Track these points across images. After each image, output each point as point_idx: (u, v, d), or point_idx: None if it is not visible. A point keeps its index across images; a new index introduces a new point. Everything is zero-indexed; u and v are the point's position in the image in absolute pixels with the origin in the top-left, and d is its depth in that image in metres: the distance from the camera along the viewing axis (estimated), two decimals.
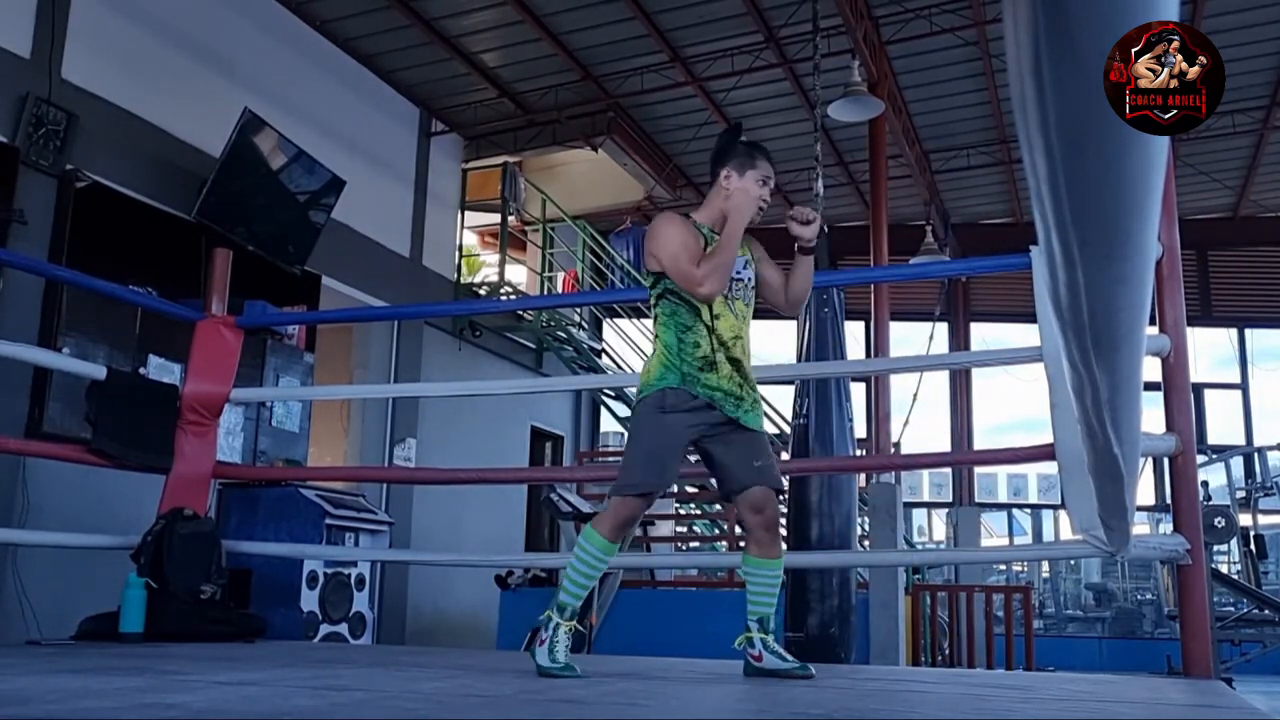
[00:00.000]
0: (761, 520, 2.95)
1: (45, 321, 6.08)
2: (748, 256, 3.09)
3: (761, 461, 2.97)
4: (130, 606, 3.90)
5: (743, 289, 3.07)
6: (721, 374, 2.94)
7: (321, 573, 5.50)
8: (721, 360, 2.95)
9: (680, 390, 2.91)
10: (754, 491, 2.94)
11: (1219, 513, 8.39)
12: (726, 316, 3.00)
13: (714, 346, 2.95)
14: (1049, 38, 0.82)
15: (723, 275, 2.93)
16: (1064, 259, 1.22)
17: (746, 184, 3.01)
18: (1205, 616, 3.22)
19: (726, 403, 2.94)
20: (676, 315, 2.98)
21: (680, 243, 2.93)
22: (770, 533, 2.97)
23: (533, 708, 2.15)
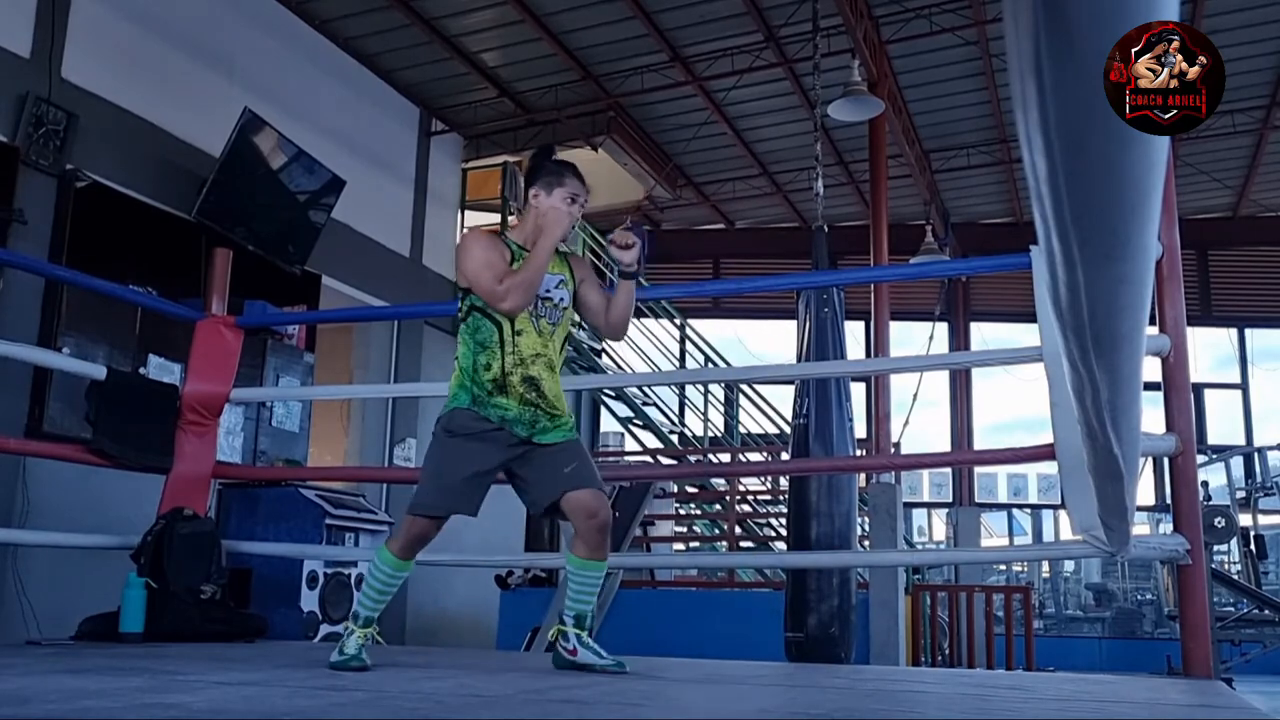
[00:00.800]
0: (595, 523, 2.96)
1: (45, 321, 6.08)
2: (563, 276, 3.12)
3: (573, 466, 2.99)
4: (130, 606, 3.90)
5: (552, 308, 3.08)
6: (513, 396, 2.96)
7: (321, 573, 5.50)
8: (515, 381, 2.97)
9: (469, 411, 2.96)
10: (579, 495, 2.95)
11: (1219, 513, 8.40)
12: (529, 334, 3.01)
13: (507, 368, 2.97)
14: (1049, 38, 0.82)
15: (526, 291, 2.95)
16: (1064, 259, 1.22)
17: (554, 202, 3.04)
18: (1205, 616, 3.22)
19: (518, 425, 2.97)
20: (478, 333, 3.02)
21: (485, 260, 2.97)
22: (602, 534, 2.99)
23: (533, 708, 2.15)
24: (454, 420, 2.97)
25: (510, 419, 2.96)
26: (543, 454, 3.00)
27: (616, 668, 2.92)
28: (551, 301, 3.08)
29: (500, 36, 9.08)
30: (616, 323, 3.20)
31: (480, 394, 2.96)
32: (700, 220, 13.85)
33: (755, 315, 14.25)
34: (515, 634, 6.61)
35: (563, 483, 2.97)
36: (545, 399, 3.01)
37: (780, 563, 6.58)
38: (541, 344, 3.03)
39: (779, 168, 11.99)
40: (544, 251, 2.98)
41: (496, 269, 2.96)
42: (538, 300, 3.02)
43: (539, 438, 3.00)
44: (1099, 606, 13.69)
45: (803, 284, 5.56)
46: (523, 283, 2.94)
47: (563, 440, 3.03)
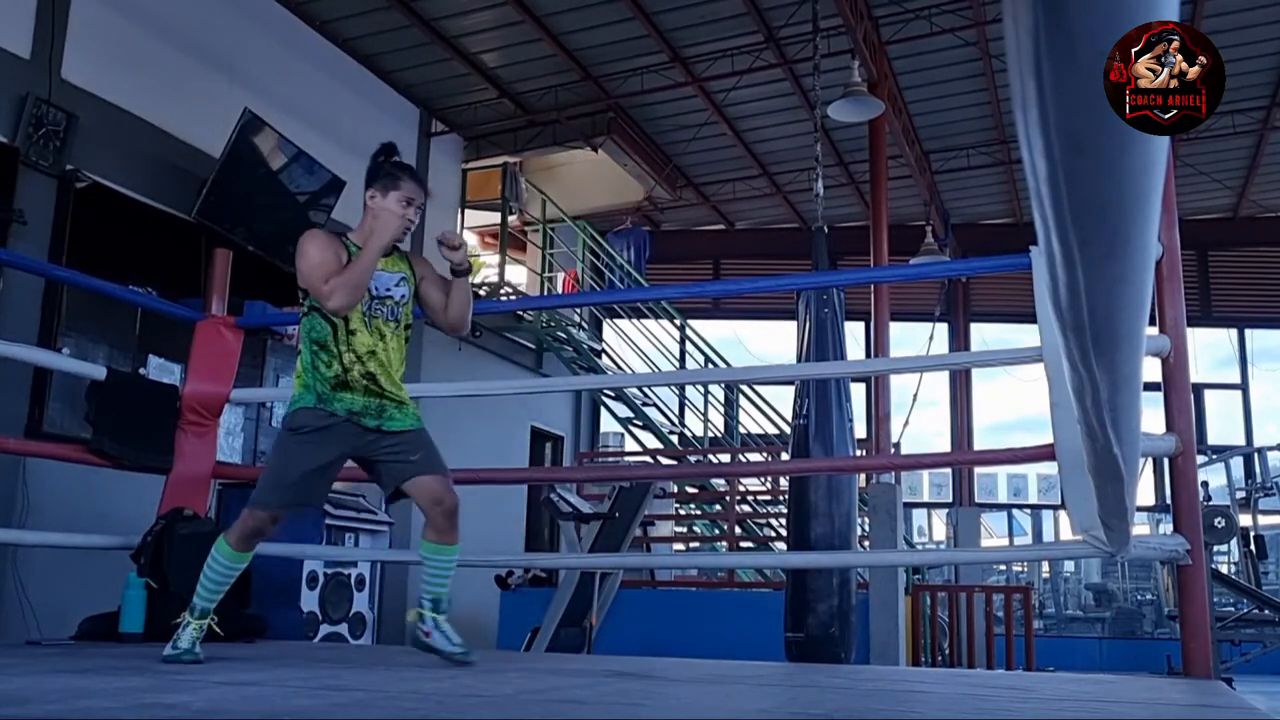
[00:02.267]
0: (443, 509, 3.14)
1: (45, 321, 6.08)
2: (403, 275, 3.24)
3: (420, 454, 3.14)
4: (130, 606, 3.90)
5: (390, 307, 3.19)
6: (356, 390, 3.10)
7: (321, 573, 5.50)
8: (356, 377, 3.09)
9: (314, 410, 3.07)
10: (425, 481, 3.12)
11: (1219, 513, 8.40)
12: (363, 333, 3.12)
13: (346, 365, 3.09)
14: (1049, 38, 0.82)
15: (352, 291, 3.04)
16: (1064, 259, 1.22)
17: (389, 204, 3.13)
18: (1205, 616, 3.22)
19: (366, 416, 3.10)
20: (313, 332, 3.13)
21: (318, 260, 3.06)
22: (450, 520, 3.16)
23: (533, 708, 2.15)
24: (297, 419, 3.10)
25: (358, 410, 3.09)
26: (391, 442, 3.13)
27: (462, 656, 3.09)
28: (392, 300, 3.19)
29: (500, 37, 9.08)
30: (455, 318, 3.34)
31: (324, 391, 3.08)
32: (700, 221, 13.85)
33: (755, 316, 14.25)
34: (515, 634, 6.61)
35: (411, 470, 3.11)
36: (388, 391, 3.14)
37: (780, 563, 6.58)
38: (376, 341, 3.15)
39: (779, 168, 11.99)
40: (371, 253, 3.08)
41: (327, 268, 3.05)
42: (374, 299, 3.13)
43: (388, 425, 3.13)
44: (1099, 606, 13.68)
45: (803, 284, 5.56)
46: (347, 282, 3.02)
47: (411, 429, 3.17)
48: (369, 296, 3.12)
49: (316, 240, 3.13)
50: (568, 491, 6.42)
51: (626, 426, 11.27)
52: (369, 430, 3.10)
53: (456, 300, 3.31)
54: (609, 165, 11.05)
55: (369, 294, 3.12)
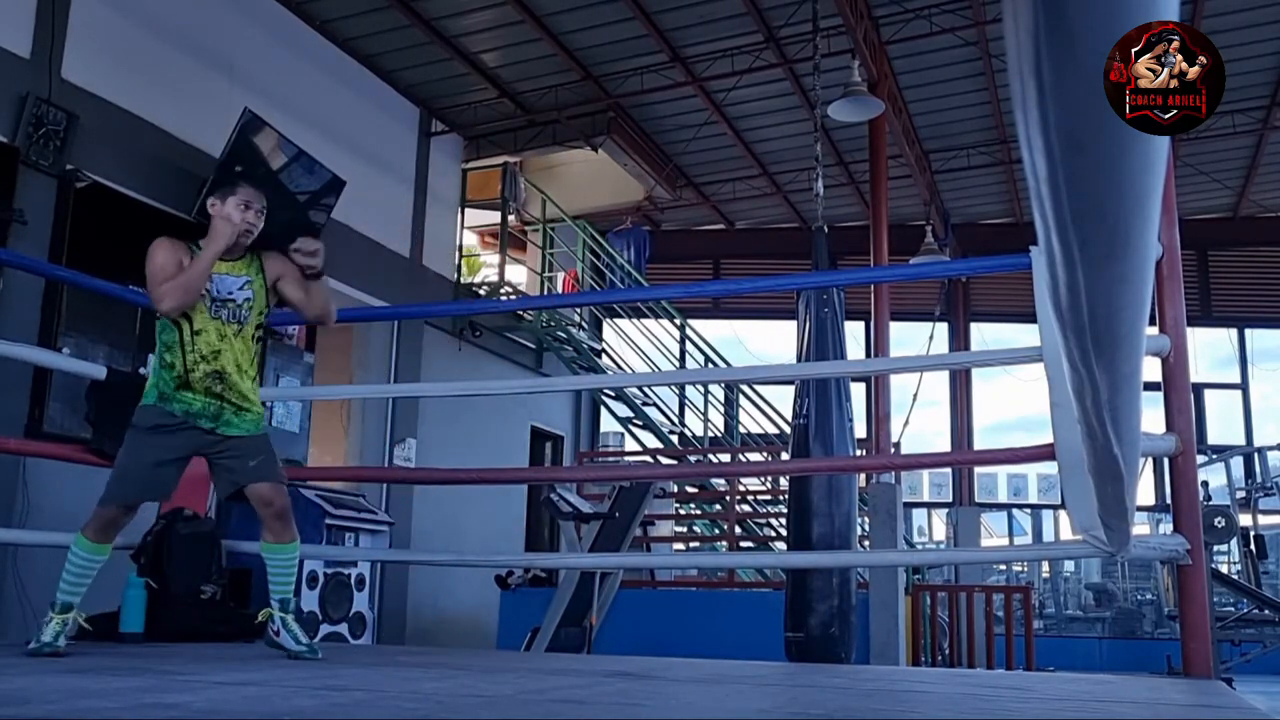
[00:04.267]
0: (272, 511, 3.29)
1: (45, 321, 6.08)
2: (248, 277, 3.40)
3: (257, 460, 3.30)
4: (130, 606, 3.90)
5: (231, 309, 3.34)
6: (197, 390, 3.25)
7: (321, 573, 5.50)
8: (199, 377, 3.25)
9: (155, 408, 3.23)
10: (259, 488, 3.28)
11: (1219, 513, 8.39)
12: (207, 334, 3.28)
13: (189, 364, 3.24)
14: (1049, 38, 0.82)
15: (181, 294, 3.21)
16: (1064, 259, 1.22)
17: (227, 210, 3.32)
18: (1205, 616, 3.22)
19: (202, 419, 3.25)
20: (164, 333, 3.30)
21: (159, 264, 3.23)
22: (282, 521, 3.32)
23: (533, 708, 2.15)
24: (140, 416, 3.25)
25: (195, 412, 3.24)
26: (232, 446, 3.29)
27: (309, 654, 3.24)
28: (234, 303, 3.34)
29: (500, 37, 9.08)
30: (317, 313, 3.53)
31: (167, 390, 3.23)
32: (700, 220, 13.85)
33: (755, 315, 14.25)
34: (515, 634, 6.60)
35: (247, 475, 3.28)
36: (232, 391, 3.29)
37: (780, 563, 6.58)
38: (219, 343, 3.29)
39: (779, 168, 11.99)
40: (204, 259, 3.25)
41: (165, 273, 3.22)
42: (216, 302, 3.30)
43: (223, 429, 3.28)
44: (1099, 606, 13.68)
45: (803, 284, 5.55)
46: (178, 286, 3.20)
47: (248, 434, 3.32)
48: (210, 299, 3.28)
49: (162, 246, 3.29)
50: (568, 491, 6.42)
51: (626, 426, 11.27)
52: (205, 432, 3.26)
53: (316, 298, 3.49)
54: (609, 165, 11.04)
55: (210, 297, 3.28)
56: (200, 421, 3.24)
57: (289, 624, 3.32)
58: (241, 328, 3.35)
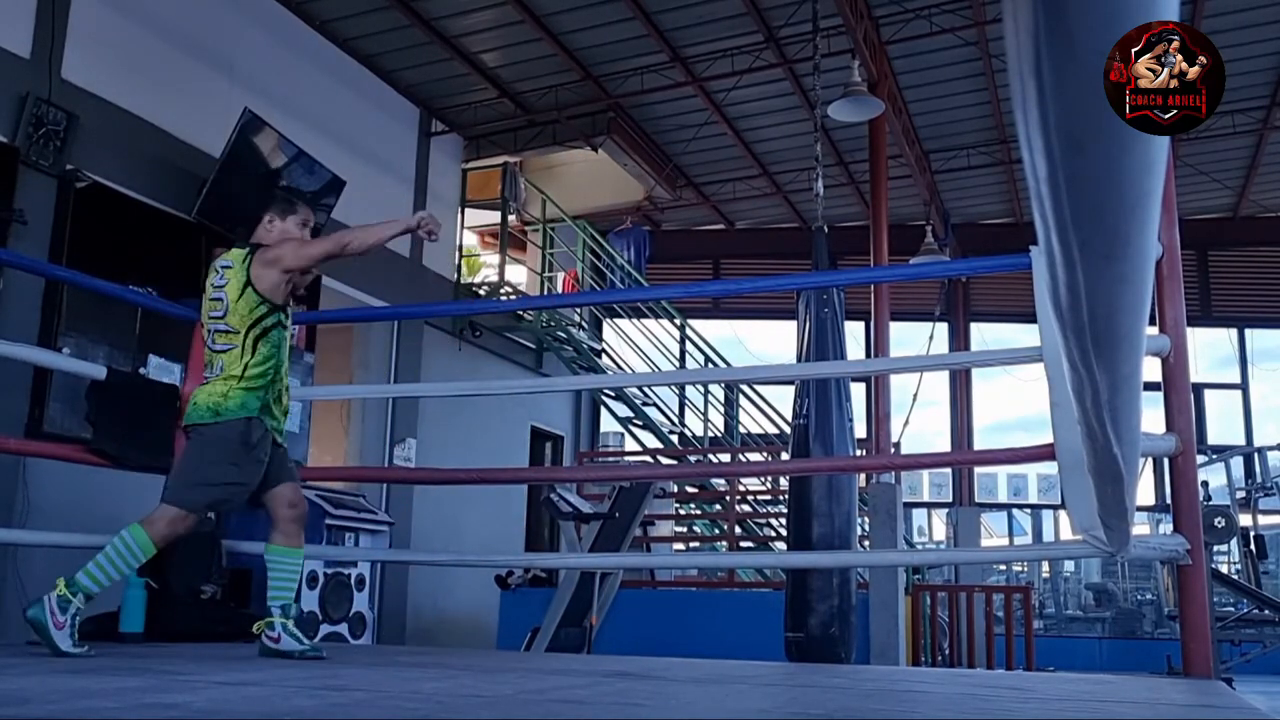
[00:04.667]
0: (296, 513, 3.37)
1: (45, 321, 6.08)
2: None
3: (292, 463, 3.48)
4: (130, 606, 3.90)
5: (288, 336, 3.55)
6: (279, 407, 3.39)
7: (321, 573, 5.50)
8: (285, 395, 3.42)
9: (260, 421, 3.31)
10: (286, 489, 3.35)
11: (1219, 513, 8.39)
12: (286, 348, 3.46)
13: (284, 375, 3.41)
14: (1049, 38, 0.82)
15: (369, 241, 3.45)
16: (1064, 259, 1.22)
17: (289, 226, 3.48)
18: (1205, 616, 3.22)
19: (278, 432, 3.41)
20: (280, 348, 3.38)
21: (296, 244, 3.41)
22: (299, 525, 3.39)
23: (533, 708, 2.15)
24: (253, 430, 3.27)
25: (277, 428, 3.38)
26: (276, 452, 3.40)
27: (314, 653, 3.22)
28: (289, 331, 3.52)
29: (500, 37, 9.08)
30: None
31: (269, 403, 3.31)
32: (700, 220, 13.84)
33: (755, 315, 14.25)
34: (515, 634, 6.60)
35: (283, 476, 3.37)
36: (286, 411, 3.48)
37: (780, 563, 6.58)
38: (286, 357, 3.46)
39: (779, 168, 11.98)
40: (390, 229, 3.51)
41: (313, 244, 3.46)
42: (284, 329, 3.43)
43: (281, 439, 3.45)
44: (1099, 606, 13.68)
45: (803, 284, 5.55)
46: (364, 237, 3.43)
47: (284, 439, 3.46)
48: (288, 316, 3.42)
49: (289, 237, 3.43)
50: (568, 491, 6.42)
51: (626, 426, 11.27)
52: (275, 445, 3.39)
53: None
54: (609, 165, 11.04)
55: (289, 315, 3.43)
56: (277, 435, 3.38)
57: (289, 628, 3.28)
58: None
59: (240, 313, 3.33)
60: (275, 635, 3.25)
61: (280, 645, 3.24)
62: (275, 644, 3.25)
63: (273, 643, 3.25)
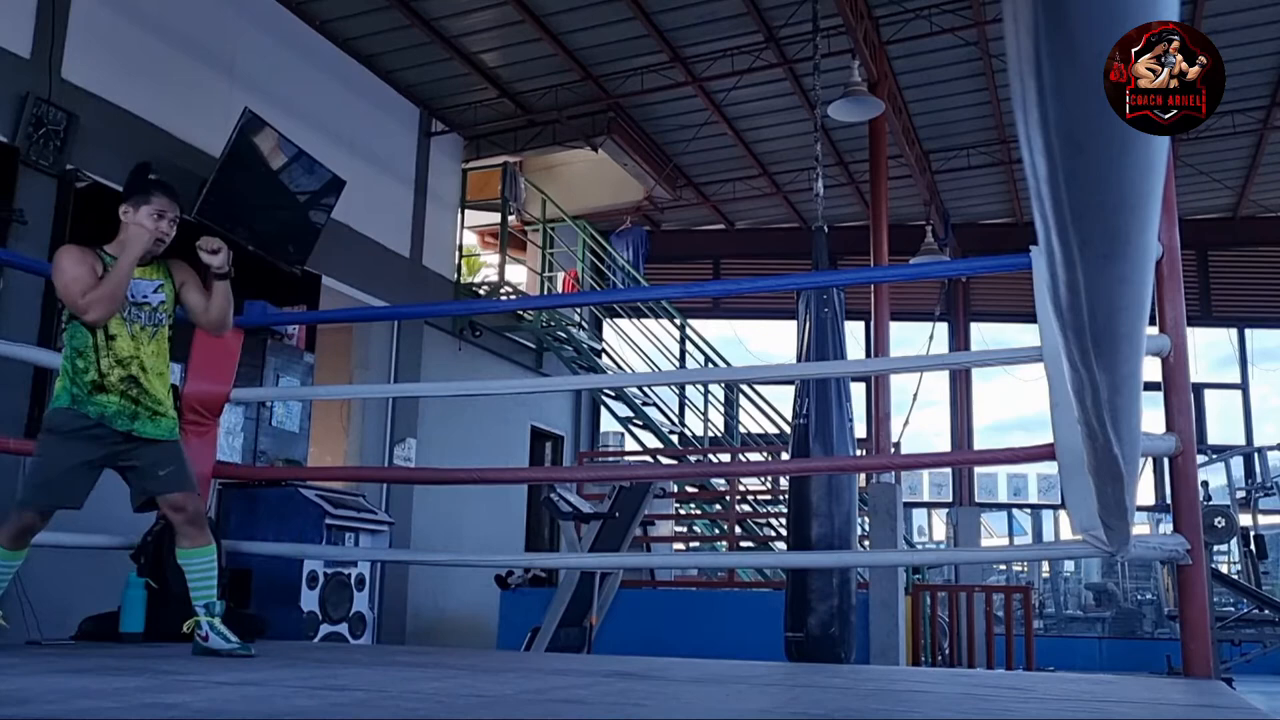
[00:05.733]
0: (185, 517, 3.34)
1: (45, 321, 6.07)
2: (160, 282, 3.44)
3: (168, 470, 3.34)
4: (130, 606, 3.90)
5: (148, 313, 3.38)
6: (113, 393, 3.27)
7: (321, 573, 5.50)
8: (114, 381, 3.28)
9: (70, 410, 3.24)
10: (171, 496, 3.33)
11: (1219, 513, 8.39)
12: (123, 338, 3.31)
13: (104, 370, 3.26)
14: (1049, 38, 0.82)
15: (107, 304, 3.23)
16: (1064, 259, 1.22)
17: (141, 218, 3.32)
18: (1205, 616, 3.22)
19: (119, 420, 3.27)
20: (74, 339, 3.29)
21: (72, 274, 3.22)
22: (195, 526, 3.36)
23: (533, 708, 2.15)
24: (54, 419, 3.26)
25: (110, 414, 3.26)
26: (144, 453, 3.32)
27: (243, 650, 3.25)
28: (149, 306, 3.39)
29: (500, 37, 9.08)
30: (215, 320, 3.54)
31: (80, 394, 3.24)
32: (700, 220, 13.84)
33: (755, 315, 14.25)
34: (515, 634, 6.60)
35: (158, 485, 3.32)
36: (146, 396, 3.33)
37: (780, 563, 6.58)
38: (135, 346, 3.33)
39: (779, 168, 11.98)
40: (124, 267, 3.25)
41: (82, 283, 3.22)
42: (133, 306, 3.33)
43: (140, 431, 3.30)
44: (1099, 606, 13.68)
45: (803, 284, 5.55)
46: (103, 296, 3.21)
47: (164, 439, 3.36)
48: (127, 304, 3.30)
49: (70, 255, 3.29)
50: (568, 491, 6.42)
51: (626, 426, 11.27)
52: (120, 435, 3.27)
53: (216, 303, 3.50)
54: (609, 165, 11.04)
55: (127, 301, 3.30)
56: (116, 423, 3.27)
57: (216, 626, 3.30)
58: (156, 331, 3.40)
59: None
60: (204, 634, 3.29)
61: (210, 644, 3.27)
62: (205, 643, 3.28)
63: (203, 641, 3.29)
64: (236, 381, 4.63)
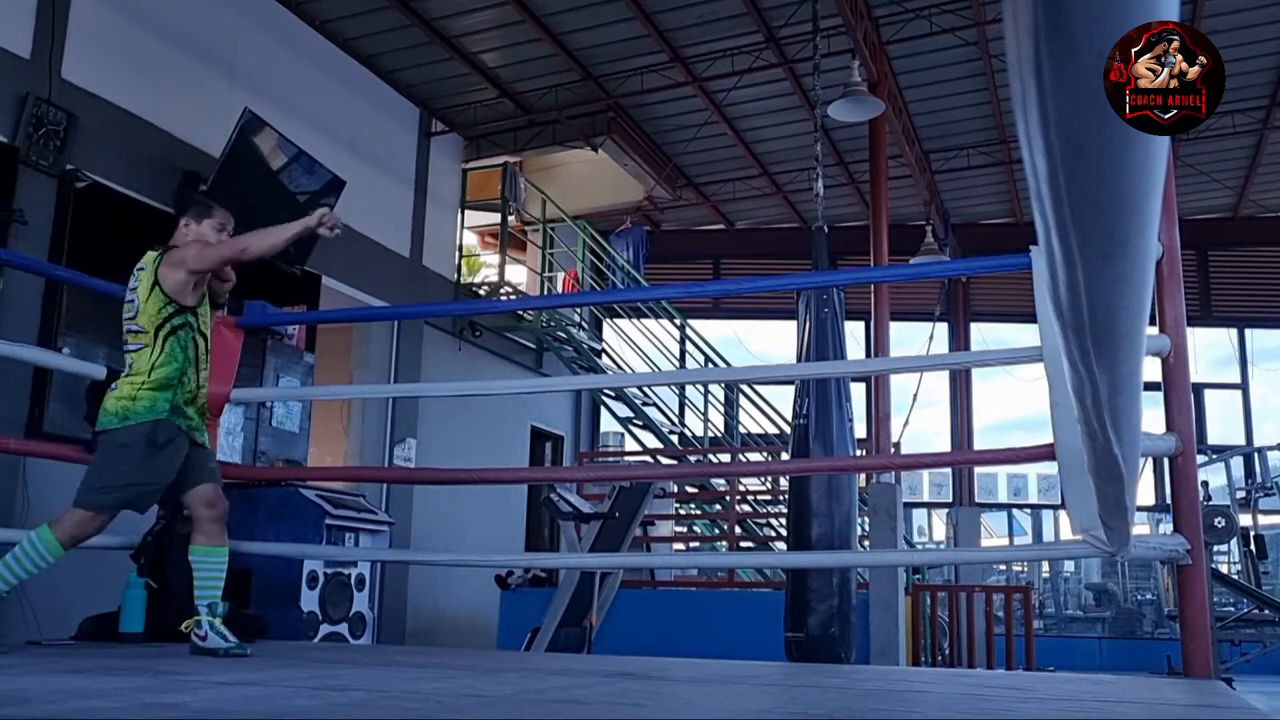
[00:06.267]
0: (215, 513, 3.42)
1: (45, 321, 6.08)
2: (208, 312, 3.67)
3: (213, 464, 3.54)
4: (130, 606, 3.90)
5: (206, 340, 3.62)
6: (195, 407, 3.45)
7: (321, 573, 5.50)
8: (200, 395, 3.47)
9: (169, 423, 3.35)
10: (207, 488, 3.43)
11: (1219, 513, 8.39)
12: (205, 361, 3.55)
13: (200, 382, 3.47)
14: (1049, 38, 0.82)
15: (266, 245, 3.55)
16: (1064, 259, 1.22)
17: (204, 230, 3.53)
18: (1205, 616, 3.22)
19: (197, 433, 3.46)
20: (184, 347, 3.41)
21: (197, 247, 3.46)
22: (220, 524, 3.44)
23: (533, 708, 2.15)
24: (155, 432, 3.30)
25: (193, 427, 3.42)
26: (195, 453, 3.45)
27: (239, 650, 3.28)
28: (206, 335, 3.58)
29: (500, 37, 9.08)
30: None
31: (178, 404, 3.34)
32: (700, 220, 13.85)
33: (755, 315, 14.25)
34: (515, 634, 6.60)
35: (202, 476, 3.42)
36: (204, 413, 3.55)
37: (780, 563, 6.58)
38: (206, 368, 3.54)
39: (779, 168, 11.98)
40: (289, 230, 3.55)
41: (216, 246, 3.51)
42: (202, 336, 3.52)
43: (200, 439, 3.49)
44: (1099, 606, 13.68)
45: (803, 284, 5.55)
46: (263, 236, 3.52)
47: (204, 440, 3.51)
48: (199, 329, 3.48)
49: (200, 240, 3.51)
50: (568, 491, 6.42)
51: (626, 426, 11.27)
52: (194, 445, 3.43)
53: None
54: (609, 165, 11.04)
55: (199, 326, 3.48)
56: (196, 435, 3.43)
57: (217, 626, 3.32)
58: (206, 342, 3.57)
59: (149, 313, 3.40)
60: (203, 634, 3.31)
61: (207, 644, 3.29)
62: (203, 642, 3.30)
63: (201, 640, 3.30)
64: (236, 381, 4.63)
